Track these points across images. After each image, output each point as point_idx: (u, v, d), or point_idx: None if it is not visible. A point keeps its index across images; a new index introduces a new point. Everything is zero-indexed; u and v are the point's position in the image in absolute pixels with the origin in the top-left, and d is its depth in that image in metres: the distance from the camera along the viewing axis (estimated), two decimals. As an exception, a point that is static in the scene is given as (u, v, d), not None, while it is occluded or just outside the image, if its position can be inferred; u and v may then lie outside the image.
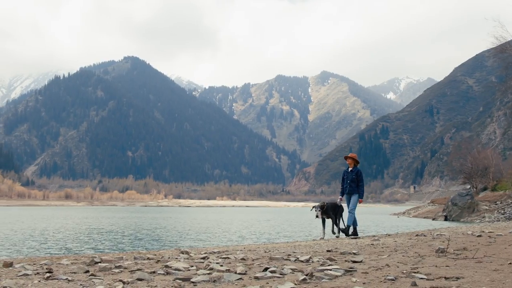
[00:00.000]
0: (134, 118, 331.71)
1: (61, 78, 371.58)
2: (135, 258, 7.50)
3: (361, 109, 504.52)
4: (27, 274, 5.87)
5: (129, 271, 6.11)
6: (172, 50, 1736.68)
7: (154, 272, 5.98)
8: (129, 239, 20.50)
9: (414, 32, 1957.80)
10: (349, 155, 14.44)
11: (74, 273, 6.01)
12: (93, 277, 5.69)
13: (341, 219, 14.59)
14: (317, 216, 14.01)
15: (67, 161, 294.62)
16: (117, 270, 6.17)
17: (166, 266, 6.38)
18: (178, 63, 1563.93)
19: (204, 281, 5.30)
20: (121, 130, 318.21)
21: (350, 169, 14.25)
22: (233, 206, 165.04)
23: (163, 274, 5.89)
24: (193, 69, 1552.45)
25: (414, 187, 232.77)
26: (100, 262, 6.81)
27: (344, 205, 14.55)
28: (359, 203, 14.15)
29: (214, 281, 5.32)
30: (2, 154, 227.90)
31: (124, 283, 5.22)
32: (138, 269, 6.22)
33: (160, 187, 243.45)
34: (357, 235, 14.04)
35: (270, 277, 5.52)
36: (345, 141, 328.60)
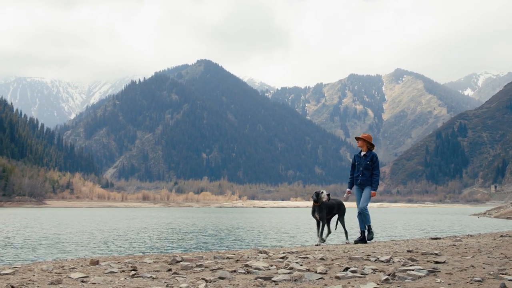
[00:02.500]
0: (208, 120, 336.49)
1: (137, 83, 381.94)
2: (215, 258, 7.60)
3: (437, 106, 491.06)
4: (113, 272, 6.06)
5: (210, 270, 6.21)
6: (244, 51, 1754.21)
7: (234, 271, 6.04)
8: (208, 238, 20.82)
9: (492, 25, 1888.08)
10: (360, 136, 11.78)
11: (157, 271, 6.16)
12: (176, 275, 5.81)
13: (343, 221, 12.17)
14: (313, 212, 11.75)
15: (144, 164, 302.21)
16: (198, 269, 6.28)
17: (246, 265, 6.43)
18: (250, 65, 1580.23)
19: (285, 280, 5.31)
20: (196, 132, 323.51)
21: (363, 153, 11.64)
22: (307, 206, 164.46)
23: (244, 273, 5.94)
24: (265, 70, 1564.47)
25: (495, 187, 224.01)
26: (181, 261, 6.94)
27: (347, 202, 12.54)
28: (372, 196, 11.41)
29: (295, 280, 5.32)
30: (83, 157, 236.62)
31: (206, 281, 5.30)
32: (219, 268, 6.30)
33: (234, 188, 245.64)
34: (366, 241, 11.38)
35: (351, 277, 5.47)
36: (421, 140, 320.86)
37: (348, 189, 11.76)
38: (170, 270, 6.21)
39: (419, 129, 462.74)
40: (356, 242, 11.30)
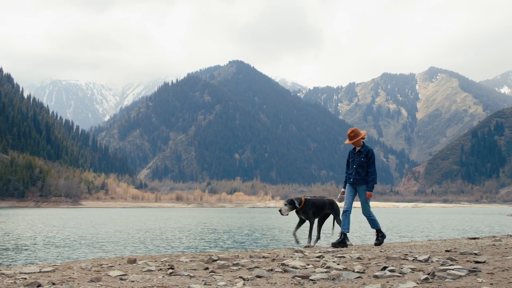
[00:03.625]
0: (240, 121, 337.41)
1: (170, 84, 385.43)
2: (250, 257, 7.59)
3: (473, 105, 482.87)
4: (151, 270, 6.12)
5: (246, 269, 6.21)
6: (276, 52, 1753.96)
7: (271, 269, 6.03)
8: (244, 238, 20.88)
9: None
10: (347, 133, 10.29)
11: (194, 269, 6.18)
12: (213, 273, 5.83)
13: (340, 221, 10.58)
14: (280, 211, 9.92)
15: (177, 164, 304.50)
16: (235, 268, 6.29)
17: (283, 264, 6.41)
18: (282, 65, 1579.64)
19: (323, 279, 5.28)
20: (228, 133, 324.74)
21: (358, 149, 10.25)
22: (341, 207, 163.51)
23: (281, 271, 5.93)
24: (297, 70, 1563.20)
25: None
26: (217, 260, 6.96)
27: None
28: (368, 198, 10.07)
29: (333, 279, 5.28)
30: (117, 158, 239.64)
31: (244, 279, 5.30)
32: (256, 267, 6.30)
33: (267, 188, 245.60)
34: (345, 244, 9.86)
35: (389, 276, 5.41)
36: (456, 139, 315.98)
37: (342, 189, 10.42)
38: (207, 268, 6.23)
39: (454, 128, 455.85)
40: (334, 245, 9.76)
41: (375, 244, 10.03)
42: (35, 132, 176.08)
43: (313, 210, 10.25)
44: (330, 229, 11.41)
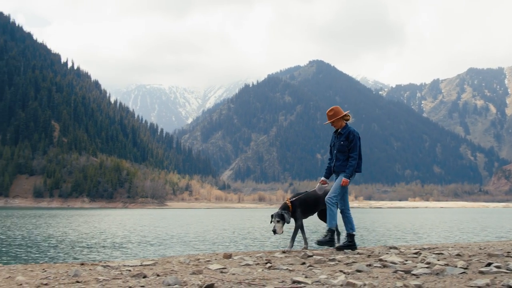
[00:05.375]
0: (321, 120, 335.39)
1: (251, 86, 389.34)
2: (345, 253, 7.55)
3: None
4: (249, 264, 6.21)
5: (344, 264, 6.18)
6: (356, 50, 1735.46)
7: (369, 265, 5.98)
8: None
9: None
10: (327, 113, 8.70)
11: (292, 264, 6.21)
12: (312, 267, 5.84)
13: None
14: (274, 231, 8.28)
15: (259, 165, 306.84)
16: (331, 263, 6.27)
17: (380, 260, 6.34)
18: (362, 63, 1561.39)
19: (425, 273, 5.18)
20: (309, 133, 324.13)
21: (339, 130, 8.54)
22: (426, 207, 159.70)
23: (380, 266, 5.86)
24: (379, 68, 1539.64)
25: None
26: (312, 256, 6.95)
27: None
28: (342, 185, 8.11)
29: (437, 274, 5.17)
30: (200, 160, 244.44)
31: (344, 273, 5.28)
32: (353, 262, 6.27)
33: (350, 188, 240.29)
34: (355, 246, 8.04)
35: (496, 272, 5.22)
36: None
37: (322, 178, 8.55)
38: (304, 263, 6.25)
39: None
40: (339, 248, 8.02)
41: (320, 243, 8.19)
42: (122, 135, 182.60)
43: (301, 209, 8.52)
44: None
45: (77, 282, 4.88)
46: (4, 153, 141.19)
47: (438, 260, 6.24)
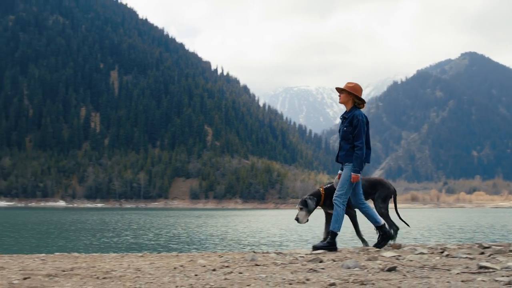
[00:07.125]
0: (477, 116, 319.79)
1: (399, 82, 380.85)
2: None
3: None
4: (423, 253, 6.06)
5: (528, 254, 5.80)
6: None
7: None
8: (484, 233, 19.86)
9: None
10: (343, 87, 6.99)
11: (470, 253, 5.94)
12: (494, 256, 5.58)
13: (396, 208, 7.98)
14: (297, 219, 7.17)
15: (411, 164, 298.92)
16: (513, 253, 5.93)
17: None
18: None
19: None
20: (464, 129, 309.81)
21: (343, 114, 7.09)
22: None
23: None
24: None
25: None
26: (489, 247, 6.60)
27: None
28: (352, 182, 6.68)
29: None
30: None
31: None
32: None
33: (511, 187, 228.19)
34: (333, 247, 6.74)
35: None
36: None
37: (339, 172, 7.03)
38: (482, 253, 5.97)
39: None
40: (376, 245, 7.05)
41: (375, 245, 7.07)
42: (272, 137, 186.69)
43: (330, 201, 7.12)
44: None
45: (256, 265, 5.03)
46: (163, 157, 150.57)
47: None
